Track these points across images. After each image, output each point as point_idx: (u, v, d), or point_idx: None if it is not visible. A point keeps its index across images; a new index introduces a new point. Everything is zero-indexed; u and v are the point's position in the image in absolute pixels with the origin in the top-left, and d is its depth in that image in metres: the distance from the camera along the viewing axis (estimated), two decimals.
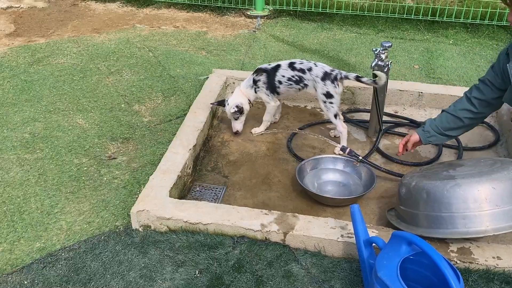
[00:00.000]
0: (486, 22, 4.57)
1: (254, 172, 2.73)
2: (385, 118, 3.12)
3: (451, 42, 4.49)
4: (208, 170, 2.76)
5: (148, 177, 2.42)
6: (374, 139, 2.95)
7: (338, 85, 2.75)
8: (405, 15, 4.77)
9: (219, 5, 5.17)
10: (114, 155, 2.78)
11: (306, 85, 2.82)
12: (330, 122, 3.15)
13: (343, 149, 2.61)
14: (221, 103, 3.03)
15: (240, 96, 2.97)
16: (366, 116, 3.15)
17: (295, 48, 4.32)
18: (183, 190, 2.52)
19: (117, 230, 2.23)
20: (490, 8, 4.53)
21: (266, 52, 4.22)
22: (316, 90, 2.78)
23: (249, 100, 2.98)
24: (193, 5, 5.25)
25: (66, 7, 5.35)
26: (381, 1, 4.91)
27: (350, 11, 4.89)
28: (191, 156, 2.65)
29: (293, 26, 4.84)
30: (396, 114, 3.26)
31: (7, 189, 2.49)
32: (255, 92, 2.94)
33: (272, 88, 2.89)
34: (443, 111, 2.49)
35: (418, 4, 4.78)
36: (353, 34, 4.67)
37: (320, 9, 4.94)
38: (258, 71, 2.92)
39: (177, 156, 2.57)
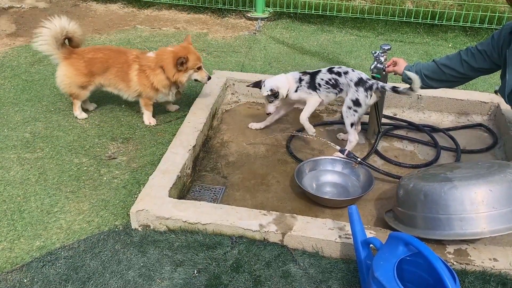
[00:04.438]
0: (485, 25, 4.59)
1: (253, 173, 2.75)
2: (384, 120, 3.13)
3: (450, 45, 4.51)
4: (207, 170, 2.77)
5: (148, 177, 2.44)
6: (373, 141, 2.96)
7: (370, 95, 2.69)
8: (404, 18, 4.79)
9: (219, 7, 5.20)
10: (114, 155, 2.80)
11: (341, 90, 2.76)
12: (329, 124, 3.17)
13: (342, 151, 2.62)
14: (257, 84, 2.95)
15: (282, 80, 2.87)
16: (365, 118, 3.16)
17: (295, 50, 4.34)
18: (183, 190, 2.54)
19: (116, 229, 2.24)
20: (489, 11, 4.56)
21: (266, 54, 4.24)
22: (347, 94, 2.73)
23: (288, 88, 2.87)
24: (194, 6, 5.27)
25: (67, 7, 5.37)
26: (381, 4, 4.93)
27: (350, 14, 4.91)
28: (191, 156, 2.66)
29: (293, 28, 4.86)
30: (395, 116, 3.28)
31: (8, 188, 2.51)
32: (296, 90, 2.86)
33: (314, 87, 2.84)
34: (433, 60, 2.60)
35: (418, 8, 4.80)
36: (353, 36, 4.69)
37: (320, 11, 4.96)
38: (303, 72, 2.88)
39: (176, 157, 2.58)
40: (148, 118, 3.13)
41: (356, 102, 2.69)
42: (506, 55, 2.30)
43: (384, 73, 2.79)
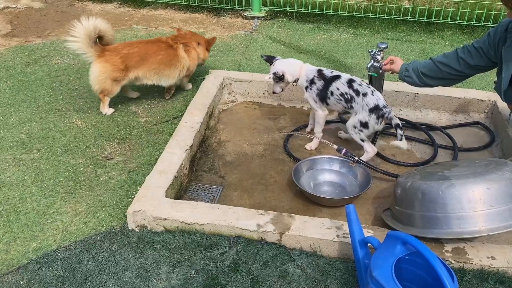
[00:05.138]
0: (482, 23, 4.60)
1: (251, 172, 2.74)
2: None
3: (447, 43, 4.52)
4: (204, 170, 2.76)
5: (145, 178, 2.43)
6: (371, 140, 2.96)
7: (381, 122, 2.64)
8: (401, 17, 4.79)
9: (216, 6, 5.18)
10: (111, 156, 2.78)
11: (352, 107, 2.69)
12: (329, 123, 3.16)
13: (339, 149, 2.62)
14: (270, 59, 2.90)
15: (294, 66, 2.79)
16: None
17: (292, 49, 4.34)
18: (180, 190, 2.53)
19: (113, 230, 2.23)
20: (485, 9, 4.56)
21: (263, 53, 4.23)
22: (356, 114, 2.67)
23: (297, 78, 2.79)
24: (190, 6, 5.26)
25: (63, 7, 5.35)
26: (377, 3, 4.93)
27: (346, 13, 4.91)
28: (188, 156, 2.65)
29: (290, 27, 4.86)
30: None
31: (4, 189, 2.49)
32: (306, 90, 2.79)
33: (323, 98, 2.76)
34: (430, 58, 2.59)
35: (414, 6, 4.80)
36: (349, 35, 4.69)
37: (316, 10, 4.96)
38: (320, 75, 2.76)
39: (173, 157, 2.57)
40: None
41: (365, 125, 2.64)
42: (502, 52, 2.31)
43: (380, 71, 2.79)
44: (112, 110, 3.24)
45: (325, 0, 4.91)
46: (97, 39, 3.08)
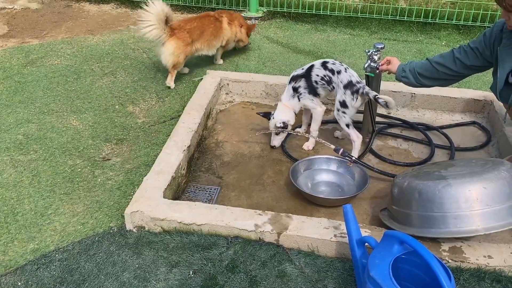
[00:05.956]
0: (478, 23, 4.61)
1: (248, 172, 2.74)
2: (378, 119, 3.14)
3: (443, 43, 4.53)
4: (202, 171, 2.77)
5: (142, 178, 2.42)
6: (367, 140, 2.97)
7: (357, 98, 2.67)
8: (398, 17, 4.80)
9: (213, 7, 5.18)
10: (108, 156, 2.78)
11: (333, 88, 2.75)
12: (324, 123, 3.16)
13: (337, 149, 2.62)
14: (267, 115, 2.95)
15: (286, 110, 2.87)
16: (359, 117, 3.16)
17: (289, 50, 4.34)
18: (177, 191, 2.53)
19: (111, 231, 2.23)
20: (482, 9, 4.58)
21: (260, 53, 4.23)
22: (336, 95, 2.74)
23: (294, 112, 2.89)
24: (188, 6, 5.26)
25: (60, 8, 5.34)
26: (374, 3, 4.94)
27: (343, 13, 4.92)
28: (185, 157, 2.66)
29: (287, 28, 4.86)
30: (389, 115, 3.29)
31: (1, 190, 2.49)
32: (299, 100, 2.85)
33: (313, 90, 2.81)
34: (427, 58, 2.61)
35: (411, 6, 4.81)
36: (346, 35, 4.70)
37: (313, 10, 4.96)
38: (296, 78, 2.83)
39: (171, 157, 2.57)
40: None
41: (343, 104, 2.69)
42: (497, 52, 2.32)
43: (377, 71, 2.79)
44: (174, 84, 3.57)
45: (322, 0, 4.92)
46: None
